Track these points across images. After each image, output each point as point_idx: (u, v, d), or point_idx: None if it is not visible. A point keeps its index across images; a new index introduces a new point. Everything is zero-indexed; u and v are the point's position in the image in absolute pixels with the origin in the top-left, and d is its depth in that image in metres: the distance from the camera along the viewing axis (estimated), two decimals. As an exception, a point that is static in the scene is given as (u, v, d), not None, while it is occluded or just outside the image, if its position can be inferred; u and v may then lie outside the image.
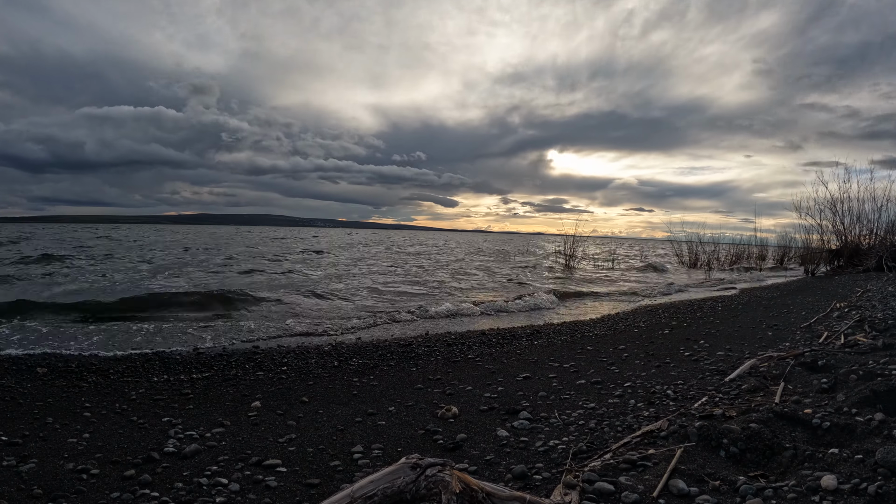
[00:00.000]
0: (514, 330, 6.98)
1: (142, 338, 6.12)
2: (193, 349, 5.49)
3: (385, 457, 2.76)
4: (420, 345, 5.79)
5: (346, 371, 4.66)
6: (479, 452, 2.78)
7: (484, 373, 4.58)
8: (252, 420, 3.34)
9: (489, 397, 3.79)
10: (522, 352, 5.49)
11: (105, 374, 4.40)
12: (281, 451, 2.83)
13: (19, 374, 4.30)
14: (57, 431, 3.10)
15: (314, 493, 2.37)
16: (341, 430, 3.16)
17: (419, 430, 3.16)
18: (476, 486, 1.73)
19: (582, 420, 3.19)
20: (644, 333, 6.46)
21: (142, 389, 4.00)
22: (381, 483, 1.67)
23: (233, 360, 4.93)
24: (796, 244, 20.47)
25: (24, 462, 2.63)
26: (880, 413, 2.31)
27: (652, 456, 2.25)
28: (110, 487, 2.39)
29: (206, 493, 2.34)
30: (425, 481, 1.67)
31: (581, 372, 4.50)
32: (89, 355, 5.10)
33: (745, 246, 22.62)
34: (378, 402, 3.74)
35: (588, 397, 3.71)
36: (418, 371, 4.66)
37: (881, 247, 15.35)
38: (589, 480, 2.03)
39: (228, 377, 4.41)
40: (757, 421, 2.41)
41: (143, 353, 5.26)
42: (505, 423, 3.21)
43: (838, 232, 16.81)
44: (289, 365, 4.82)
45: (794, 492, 1.82)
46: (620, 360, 4.89)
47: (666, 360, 4.78)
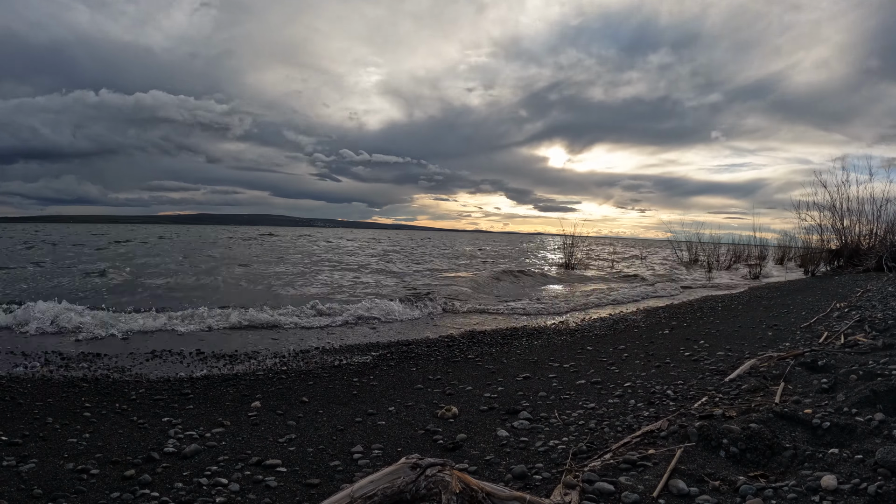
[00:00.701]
0: (515, 330, 6.98)
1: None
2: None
3: (385, 457, 2.76)
4: (420, 345, 5.80)
5: (347, 371, 4.66)
6: (479, 452, 2.78)
7: (484, 373, 4.58)
8: (252, 420, 3.34)
9: (489, 397, 3.80)
10: (522, 352, 5.49)
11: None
12: (281, 451, 2.83)
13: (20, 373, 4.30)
14: (57, 431, 3.10)
15: (314, 493, 2.37)
16: (341, 430, 3.16)
17: (419, 430, 3.16)
18: (476, 486, 1.73)
19: (582, 420, 3.19)
20: (644, 333, 6.46)
21: (142, 389, 4.00)
22: (381, 483, 1.67)
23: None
24: (796, 244, 20.49)
25: (24, 462, 2.63)
26: (880, 413, 2.31)
27: (652, 456, 2.25)
28: (110, 487, 2.39)
29: (206, 493, 2.34)
30: (425, 481, 1.67)
31: (581, 372, 4.50)
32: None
33: (744, 246, 22.62)
34: (378, 402, 3.74)
35: (588, 397, 3.71)
36: (418, 371, 4.66)
37: (881, 247, 15.36)
38: (589, 480, 2.03)
39: (228, 377, 4.41)
40: (757, 421, 2.41)
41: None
42: (505, 423, 3.21)
43: (838, 232, 16.83)
44: (288, 365, 4.82)
45: (794, 492, 1.82)
46: (620, 360, 4.89)
47: (666, 360, 4.78)
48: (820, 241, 17.54)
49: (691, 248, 22.25)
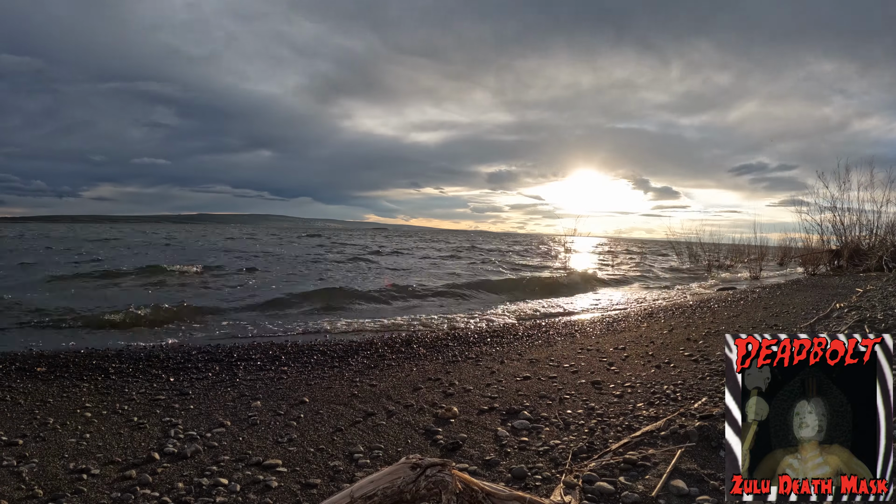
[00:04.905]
0: (515, 330, 6.98)
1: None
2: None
3: (385, 457, 2.76)
4: (421, 345, 5.80)
5: (347, 371, 4.66)
6: (479, 452, 2.78)
7: (484, 373, 4.58)
8: (252, 420, 3.34)
9: (489, 397, 3.80)
10: (522, 352, 5.49)
11: (105, 372, 4.41)
12: (281, 451, 2.84)
13: (21, 373, 4.31)
14: (57, 431, 3.10)
15: (314, 493, 2.38)
16: (341, 430, 3.17)
17: (419, 430, 3.16)
18: (476, 486, 1.73)
19: (582, 420, 3.19)
20: (644, 333, 6.46)
21: (142, 389, 4.01)
22: (381, 483, 1.68)
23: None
24: (797, 244, 20.48)
25: (24, 462, 2.63)
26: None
27: (652, 456, 2.25)
28: (110, 487, 2.40)
29: (207, 493, 2.34)
30: (425, 481, 1.67)
31: (581, 372, 4.51)
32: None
33: (745, 246, 22.62)
34: (378, 402, 3.75)
35: (588, 397, 3.71)
36: (418, 371, 4.66)
37: (881, 247, 15.35)
38: (589, 480, 2.04)
39: (228, 377, 4.41)
40: (757, 421, 2.41)
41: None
42: (505, 423, 3.22)
43: (838, 232, 16.83)
44: (289, 365, 4.82)
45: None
46: (620, 360, 4.90)
47: (666, 360, 4.78)
48: (820, 241, 17.53)
49: (691, 248, 22.26)
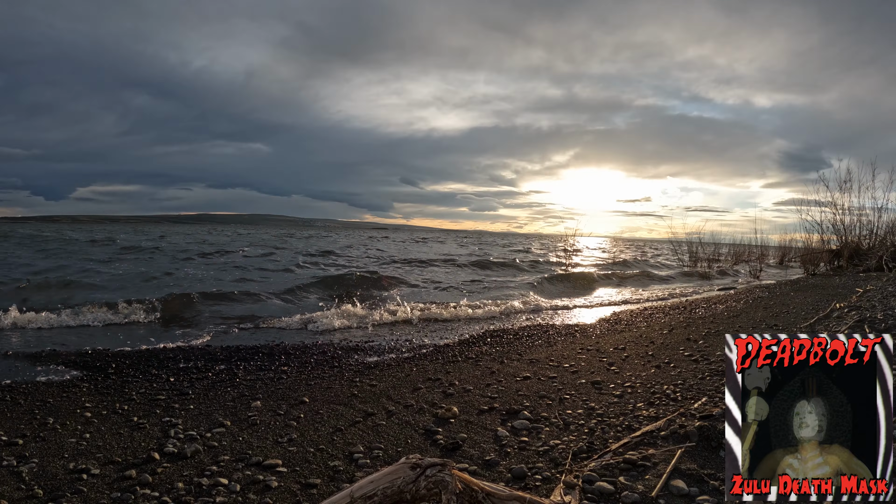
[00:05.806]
0: (515, 330, 6.98)
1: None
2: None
3: (385, 457, 2.76)
4: (420, 345, 5.80)
5: (347, 371, 4.67)
6: (479, 452, 2.78)
7: (484, 373, 4.58)
8: (252, 420, 3.34)
9: (489, 397, 3.80)
10: (522, 352, 5.49)
11: (105, 372, 4.41)
12: (281, 451, 2.84)
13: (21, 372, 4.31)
14: (57, 431, 3.10)
15: (314, 493, 2.38)
16: (341, 430, 3.17)
17: (419, 430, 3.16)
18: (476, 486, 1.73)
19: (582, 420, 3.19)
20: (644, 333, 6.46)
21: (143, 389, 4.00)
22: (381, 483, 1.67)
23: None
24: (797, 244, 20.48)
25: (24, 462, 2.64)
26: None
27: (652, 456, 2.25)
28: (110, 487, 2.40)
29: (207, 493, 2.34)
30: (425, 481, 1.67)
31: (581, 372, 4.51)
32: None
33: (745, 246, 22.62)
34: (378, 402, 3.75)
35: (588, 397, 3.71)
36: (418, 371, 4.66)
37: (881, 247, 15.35)
38: (589, 480, 2.04)
39: (228, 377, 4.41)
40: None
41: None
42: (505, 423, 3.22)
43: (838, 232, 16.82)
44: (289, 365, 4.82)
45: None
46: (620, 360, 4.90)
47: (666, 360, 4.78)
48: (820, 241, 17.52)
49: (692, 247, 22.25)
